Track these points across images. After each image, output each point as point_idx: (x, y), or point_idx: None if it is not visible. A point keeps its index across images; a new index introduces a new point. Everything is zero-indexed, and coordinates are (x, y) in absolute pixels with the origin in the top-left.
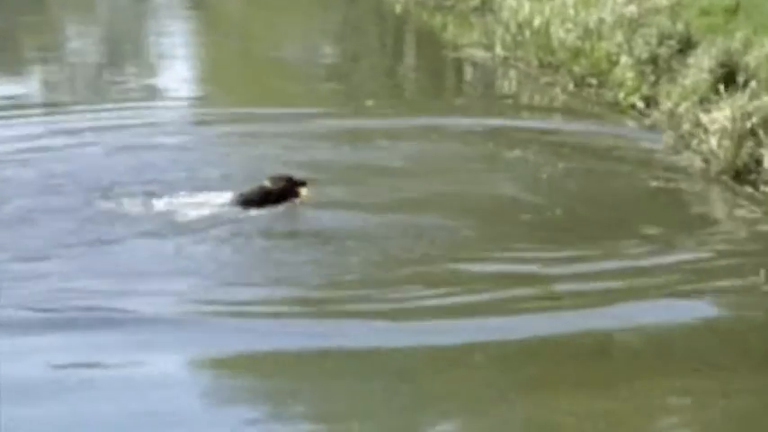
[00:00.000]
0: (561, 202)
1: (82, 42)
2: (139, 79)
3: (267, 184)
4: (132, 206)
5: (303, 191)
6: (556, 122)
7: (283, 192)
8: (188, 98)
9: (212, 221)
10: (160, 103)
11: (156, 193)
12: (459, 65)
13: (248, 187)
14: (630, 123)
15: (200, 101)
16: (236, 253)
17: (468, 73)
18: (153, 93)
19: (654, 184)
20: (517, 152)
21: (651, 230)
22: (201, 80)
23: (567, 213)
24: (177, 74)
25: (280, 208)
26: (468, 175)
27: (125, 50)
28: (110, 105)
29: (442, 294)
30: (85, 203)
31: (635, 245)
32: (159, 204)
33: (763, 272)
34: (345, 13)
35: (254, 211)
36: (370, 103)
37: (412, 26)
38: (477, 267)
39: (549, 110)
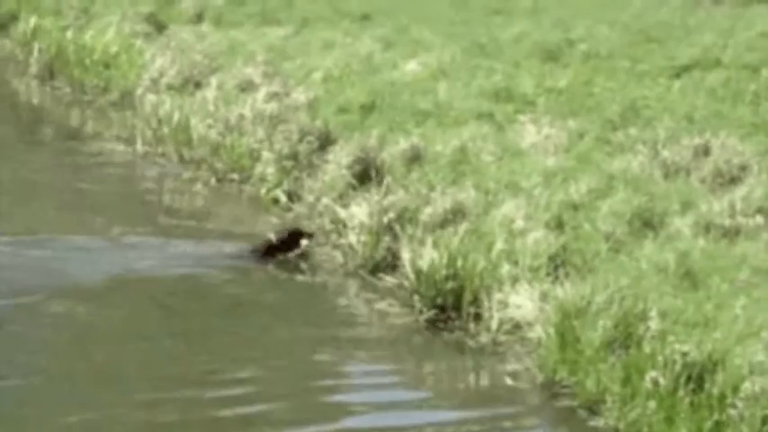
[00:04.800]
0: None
1: None
2: None
3: (271, 236)
4: None
5: (303, 242)
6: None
7: (285, 243)
8: None
9: None
10: None
11: None
12: (97, 160)
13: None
14: (273, 218)
15: None
16: None
17: (106, 168)
18: None
19: (297, 278)
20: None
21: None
22: None
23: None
24: None
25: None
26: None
27: None
28: None
29: None
30: None
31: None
32: None
33: None
34: None
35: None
36: None
37: (49, 120)
38: None
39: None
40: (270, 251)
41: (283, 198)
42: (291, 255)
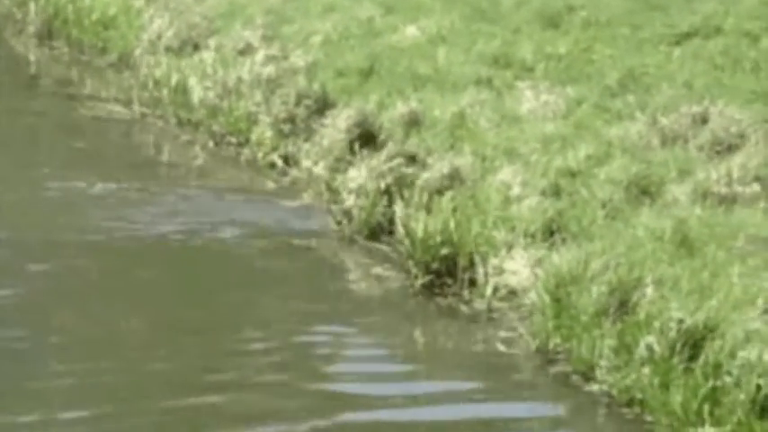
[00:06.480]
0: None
1: None
2: None
3: None
4: None
5: None
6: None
7: None
8: None
9: None
10: None
11: None
12: (94, 122)
13: None
14: (269, 183)
15: None
16: None
17: (103, 129)
18: None
19: (293, 242)
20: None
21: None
22: None
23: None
24: None
25: None
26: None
27: None
28: None
29: None
30: None
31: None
32: None
33: None
34: None
35: None
36: None
37: (46, 80)
38: None
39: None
40: None
41: (280, 162)
42: None
